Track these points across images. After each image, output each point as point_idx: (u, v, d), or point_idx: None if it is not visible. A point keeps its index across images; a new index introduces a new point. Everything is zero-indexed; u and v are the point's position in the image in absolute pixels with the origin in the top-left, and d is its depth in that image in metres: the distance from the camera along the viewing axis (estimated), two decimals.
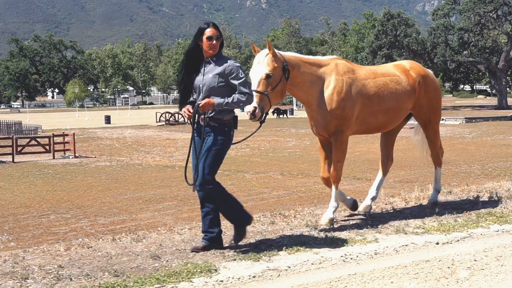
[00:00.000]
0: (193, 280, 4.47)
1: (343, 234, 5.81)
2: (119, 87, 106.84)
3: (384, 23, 51.66)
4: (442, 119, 34.07)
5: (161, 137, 25.95)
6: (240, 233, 5.36)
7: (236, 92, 5.16)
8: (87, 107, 75.05)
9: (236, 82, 5.16)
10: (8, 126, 29.70)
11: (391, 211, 7.07)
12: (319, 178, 7.03)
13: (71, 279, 4.56)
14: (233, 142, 5.47)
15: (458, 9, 53.17)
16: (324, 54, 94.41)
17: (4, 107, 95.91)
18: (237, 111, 5.58)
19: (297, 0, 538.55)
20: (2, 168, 16.30)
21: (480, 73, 64.36)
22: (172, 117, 38.83)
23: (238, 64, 5.26)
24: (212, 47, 5.22)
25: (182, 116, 39.13)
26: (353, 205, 6.83)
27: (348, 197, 6.90)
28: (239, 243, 5.42)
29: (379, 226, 6.12)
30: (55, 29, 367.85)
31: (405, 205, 7.41)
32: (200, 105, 5.08)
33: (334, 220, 6.26)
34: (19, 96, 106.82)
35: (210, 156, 5.13)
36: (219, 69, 5.20)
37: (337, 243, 5.44)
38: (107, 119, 40.69)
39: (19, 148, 18.41)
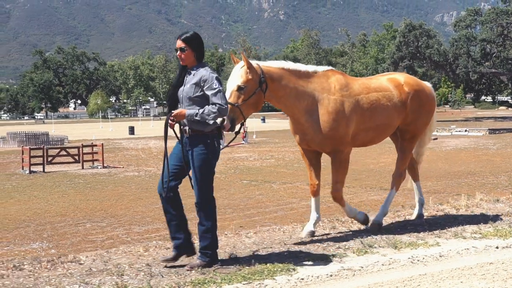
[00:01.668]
0: (276, 278, 4.79)
1: (404, 238, 6.10)
2: (140, 98, 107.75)
3: (406, 34, 51.57)
4: (465, 130, 33.95)
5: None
6: (213, 258, 5.23)
7: (209, 103, 5.10)
8: (110, 118, 75.78)
9: (209, 92, 5.09)
10: (36, 137, 30.19)
11: (445, 217, 7.35)
12: (344, 188, 7.12)
13: (162, 276, 4.91)
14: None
15: (480, 20, 52.96)
16: (344, 65, 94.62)
17: (27, 118, 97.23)
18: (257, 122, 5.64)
19: (314, 12, 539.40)
20: (34, 178, 16.62)
21: (502, 84, 63.87)
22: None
23: (215, 74, 5.17)
24: (180, 59, 5.23)
25: None
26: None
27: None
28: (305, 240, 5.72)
29: (437, 231, 6.41)
30: (75, 41, 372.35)
31: (456, 212, 7.68)
32: (173, 114, 5.10)
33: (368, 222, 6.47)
34: (42, 108, 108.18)
35: (200, 175, 5.13)
36: (195, 79, 5.16)
37: (401, 246, 5.74)
38: (131, 130, 40.96)
39: (49, 158, 18.71)
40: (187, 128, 5.17)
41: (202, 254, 5.21)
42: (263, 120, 54.67)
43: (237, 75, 5.71)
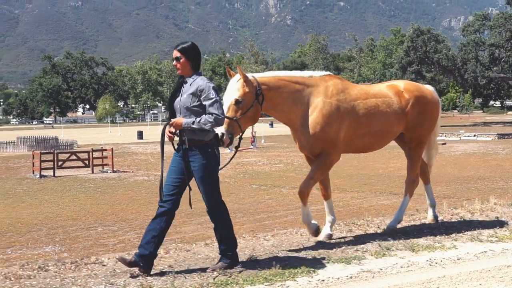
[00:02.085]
0: (297, 279, 4.89)
1: (421, 241, 6.17)
2: (149, 103, 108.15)
3: (414, 39, 51.53)
4: (474, 135, 33.85)
5: None
6: (234, 259, 5.31)
7: (206, 113, 5.14)
8: (118, 122, 76.06)
9: (206, 102, 5.13)
10: (46, 142, 30.39)
11: (461, 221, 7.43)
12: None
13: (185, 277, 5.02)
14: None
15: (489, 25, 52.86)
16: (351, 70, 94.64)
17: (36, 122, 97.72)
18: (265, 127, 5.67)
19: (322, 16, 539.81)
20: (45, 182, 16.71)
21: (511, 89, 63.63)
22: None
23: (211, 84, 5.21)
24: (176, 68, 5.31)
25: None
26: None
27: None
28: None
29: (454, 235, 6.48)
30: (83, 46, 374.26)
31: (471, 216, 7.74)
32: (170, 123, 5.16)
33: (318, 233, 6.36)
34: (51, 112, 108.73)
35: (206, 185, 5.20)
36: (192, 89, 5.20)
37: (419, 249, 5.83)
38: (140, 135, 41.10)
39: (59, 163, 18.82)
40: (186, 139, 5.21)
41: (223, 257, 5.30)
42: (271, 125, 54.74)
43: (234, 89, 5.70)
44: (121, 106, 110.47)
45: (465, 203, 8.91)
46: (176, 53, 5.27)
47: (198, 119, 5.07)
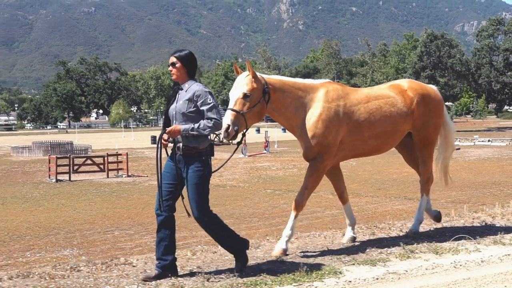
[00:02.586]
0: (324, 280, 4.99)
1: (444, 244, 6.23)
2: (162, 108, 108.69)
3: (427, 44, 51.37)
4: (489, 140, 33.66)
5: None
6: (242, 260, 5.31)
7: (204, 118, 5.10)
8: (132, 127, 76.41)
9: (204, 108, 5.10)
10: (60, 146, 30.67)
11: (482, 225, 7.46)
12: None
13: (214, 277, 5.11)
14: (213, 170, 5.57)
15: (503, 30, 52.57)
16: (364, 75, 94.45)
17: (50, 127, 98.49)
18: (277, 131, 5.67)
19: (334, 21, 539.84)
20: (61, 186, 16.88)
21: None
22: (216, 137, 39.30)
23: (207, 90, 5.21)
24: (172, 74, 5.30)
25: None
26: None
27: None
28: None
29: (477, 238, 6.53)
30: (96, 51, 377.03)
31: (492, 220, 7.77)
32: (167, 130, 5.09)
33: (287, 251, 5.98)
34: (65, 117, 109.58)
35: (197, 192, 5.12)
36: (188, 95, 5.17)
37: (442, 251, 5.90)
38: (153, 139, 41.24)
39: (75, 167, 19.00)
40: (180, 145, 5.16)
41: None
42: (284, 130, 54.71)
43: (243, 83, 5.70)
44: (134, 111, 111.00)
45: (485, 207, 9.00)
46: (172, 59, 5.28)
47: (196, 125, 5.04)
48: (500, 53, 52.82)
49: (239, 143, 5.70)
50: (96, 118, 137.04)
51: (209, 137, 5.24)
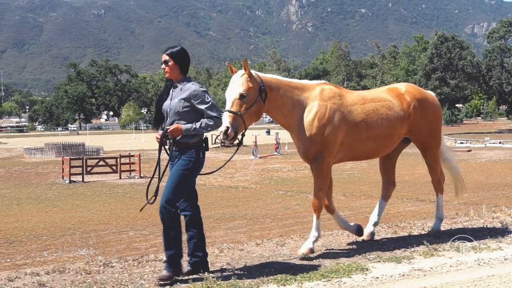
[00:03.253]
0: (352, 276, 5.15)
1: (467, 243, 6.34)
2: None
3: (438, 46, 51.19)
4: (500, 142, 33.49)
5: (219, 158, 26.33)
6: (173, 268, 5.14)
7: (204, 117, 5.14)
8: (143, 129, 76.59)
9: (203, 106, 5.13)
10: (73, 148, 30.89)
11: (503, 224, 7.58)
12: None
13: (245, 273, 5.30)
14: (213, 170, 5.58)
15: None
16: (374, 77, 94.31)
17: (61, 129, 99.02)
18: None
19: (343, 23, 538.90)
20: (74, 187, 17.02)
21: None
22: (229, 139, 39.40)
23: (204, 89, 5.22)
24: (165, 72, 5.34)
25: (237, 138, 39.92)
26: (358, 231, 6.67)
27: (352, 223, 6.74)
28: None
29: (498, 237, 6.70)
30: (105, 53, 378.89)
31: None
32: (169, 130, 5.11)
33: (314, 251, 6.09)
34: (76, 119, 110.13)
35: (175, 180, 5.14)
36: (184, 94, 5.18)
37: (464, 250, 6.04)
38: None
39: (88, 169, 19.15)
40: (171, 141, 5.22)
41: (188, 262, 5.31)
42: (268, 132, 54.66)
43: (238, 84, 5.66)
44: (145, 113, 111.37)
45: (504, 207, 9.19)
46: (164, 57, 5.32)
47: (198, 124, 5.09)
48: (511, 55, 52.56)
49: (239, 144, 5.71)
50: (106, 120, 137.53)
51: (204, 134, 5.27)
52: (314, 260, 5.73)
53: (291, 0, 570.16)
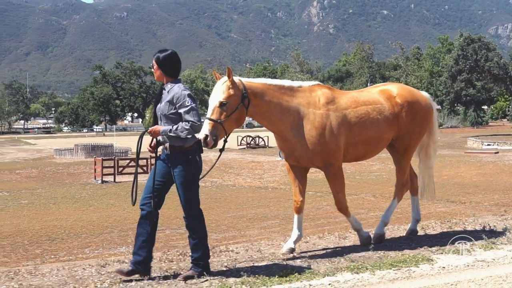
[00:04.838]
0: (420, 266, 5.55)
1: None
2: None
3: (464, 47, 50.74)
4: None
5: (245, 159, 26.51)
6: (203, 266, 5.47)
7: (182, 120, 5.22)
8: None
9: (181, 110, 5.20)
10: (101, 149, 31.35)
11: None
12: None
13: (317, 262, 5.83)
14: (203, 175, 5.75)
15: None
16: (398, 79, 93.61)
17: (86, 130, 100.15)
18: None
19: (365, 25, 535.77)
20: (107, 187, 17.29)
21: None
22: (253, 140, 39.62)
23: (187, 92, 5.27)
24: (154, 75, 5.55)
25: (262, 139, 39.46)
26: (296, 240, 6.63)
27: (298, 232, 6.68)
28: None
29: None
30: (128, 55, 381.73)
31: None
32: (148, 130, 5.32)
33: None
34: (102, 121, 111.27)
35: (185, 190, 5.34)
36: (169, 97, 5.29)
37: None
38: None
39: (119, 169, 19.46)
40: (167, 144, 5.34)
41: (194, 265, 5.46)
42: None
43: (219, 91, 5.70)
44: None
45: None
46: (153, 61, 5.50)
47: (175, 127, 5.17)
48: None
49: (221, 150, 5.81)
50: (131, 122, 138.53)
51: (196, 135, 5.42)
52: (379, 251, 6.18)
53: (312, 1, 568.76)
